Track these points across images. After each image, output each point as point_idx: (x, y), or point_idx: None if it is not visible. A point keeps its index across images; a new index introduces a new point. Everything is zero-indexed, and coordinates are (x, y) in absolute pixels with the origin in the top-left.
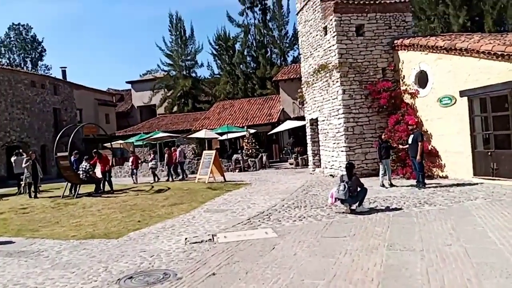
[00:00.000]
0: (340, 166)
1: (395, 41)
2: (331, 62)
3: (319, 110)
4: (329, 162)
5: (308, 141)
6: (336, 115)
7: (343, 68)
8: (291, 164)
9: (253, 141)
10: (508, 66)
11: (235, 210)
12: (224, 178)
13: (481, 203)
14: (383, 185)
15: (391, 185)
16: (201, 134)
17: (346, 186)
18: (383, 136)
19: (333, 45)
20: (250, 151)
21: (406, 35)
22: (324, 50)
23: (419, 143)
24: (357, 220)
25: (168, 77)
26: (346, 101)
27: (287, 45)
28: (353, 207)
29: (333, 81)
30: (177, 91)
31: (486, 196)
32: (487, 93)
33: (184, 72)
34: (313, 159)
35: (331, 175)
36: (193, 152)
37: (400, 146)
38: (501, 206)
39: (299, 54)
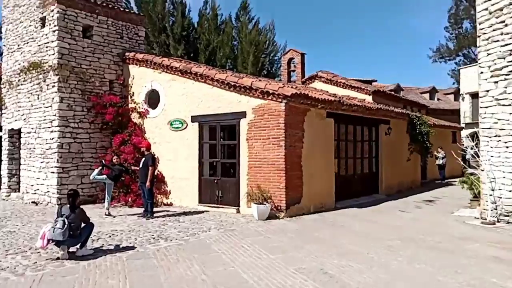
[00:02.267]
0: (48, 192)
1: (127, 54)
2: (47, 62)
3: (25, 119)
4: (32, 185)
5: (4, 157)
6: (49, 127)
7: (63, 71)
8: None
9: None
10: (239, 97)
11: None
12: None
13: (216, 234)
14: (109, 214)
15: (109, 214)
16: None
17: (66, 222)
18: (114, 159)
19: (52, 42)
20: None
21: (138, 49)
22: (39, 45)
23: (150, 168)
24: (80, 269)
25: None
26: (63, 112)
27: None
28: (73, 249)
29: (48, 85)
30: None
31: (217, 226)
32: (217, 121)
33: None
34: (9, 181)
35: (33, 202)
36: None
37: (134, 168)
38: (236, 237)
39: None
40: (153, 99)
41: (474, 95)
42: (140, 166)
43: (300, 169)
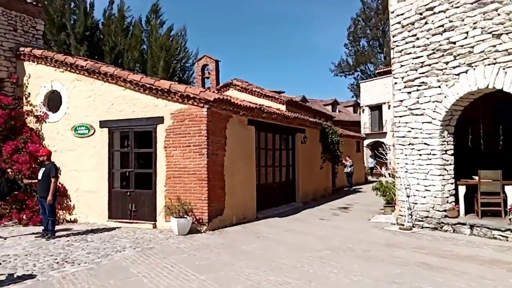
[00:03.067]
0: None
1: (22, 49)
2: None
3: None
4: None
5: None
6: None
7: None
8: None
9: None
10: (155, 101)
11: None
12: None
13: (133, 254)
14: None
15: None
16: None
17: None
18: (9, 172)
19: None
20: None
21: (35, 45)
22: None
23: (52, 179)
24: None
25: None
26: None
27: None
28: None
29: None
30: None
31: (133, 244)
32: (131, 126)
33: None
34: None
35: None
36: None
37: (27, 181)
38: (157, 256)
39: None
40: (53, 101)
41: (373, 107)
42: (39, 177)
43: (223, 178)
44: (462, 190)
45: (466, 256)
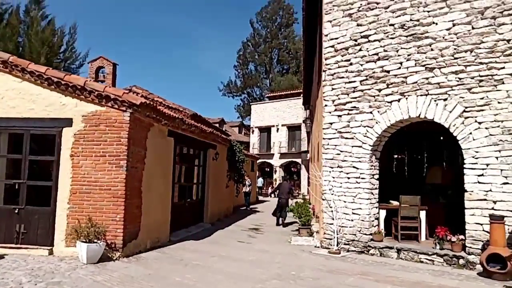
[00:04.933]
0: None
1: None
2: None
3: None
4: None
5: None
6: None
7: None
8: None
9: None
10: (63, 99)
11: None
12: None
13: None
14: None
15: None
16: None
17: None
18: None
19: None
20: None
21: None
22: None
23: None
24: None
25: None
26: None
27: None
28: None
29: None
30: None
31: (31, 277)
32: (26, 127)
33: None
34: None
35: None
36: None
37: None
38: None
39: None
40: None
41: (262, 129)
42: None
43: (140, 196)
44: (382, 214)
45: (415, 283)
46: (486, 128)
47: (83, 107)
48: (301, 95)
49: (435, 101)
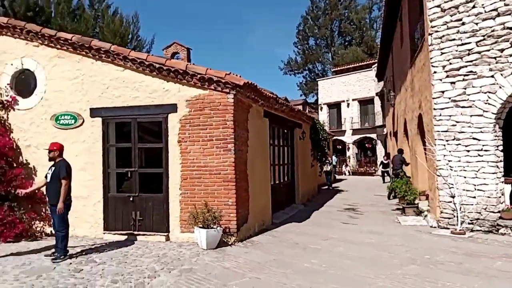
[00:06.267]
0: None
1: None
2: None
3: None
4: None
5: None
6: None
7: None
8: None
9: None
10: (165, 85)
11: None
12: None
13: (175, 281)
14: None
15: None
16: None
17: None
18: None
19: None
20: None
21: None
22: None
23: (63, 182)
24: None
25: None
26: None
27: None
28: None
29: None
30: None
31: (161, 265)
32: (133, 116)
33: None
34: None
35: None
36: None
37: (22, 191)
38: (211, 283)
39: None
40: (25, 83)
41: (331, 105)
42: (48, 179)
43: (247, 178)
44: (508, 188)
45: None
46: None
47: (186, 91)
48: (371, 67)
49: None
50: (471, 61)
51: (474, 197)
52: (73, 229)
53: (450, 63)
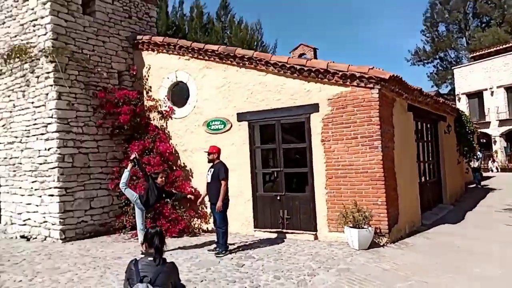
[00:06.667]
0: (46, 222)
1: (139, 37)
2: (36, 45)
3: (4, 126)
4: (20, 214)
5: None
6: (43, 134)
7: (60, 57)
8: None
9: None
10: (306, 85)
11: None
12: None
13: (335, 280)
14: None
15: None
16: None
17: None
18: (159, 180)
19: (43, 18)
20: None
21: (149, 33)
22: (23, 24)
23: (222, 182)
24: None
25: None
26: (62, 112)
27: None
28: None
29: (38, 77)
30: None
31: (318, 264)
32: (276, 118)
33: None
34: None
35: (24, 236)
36: None
37: (188, 194)
38: (374, 284)
39: None
40: (179, 94)
41: (471, 95)
42: (208, 180)
43: (394, 177)
44: None
45: None
46: None
47: (327, 90)
48: None
49: None
50: None
51: None
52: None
53: None
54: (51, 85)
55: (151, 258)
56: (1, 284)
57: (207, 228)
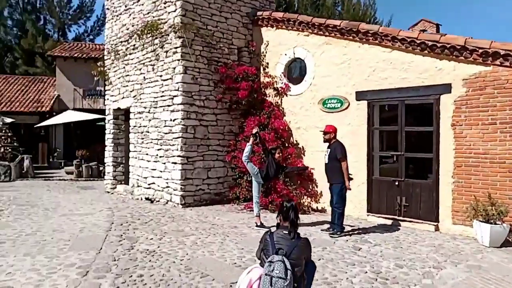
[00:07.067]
0: (168, 187)
1: (259, 13)
2: (166, 21)
3: (135, 97)
4: (146, 178)
5: (108, 142)
6: (169, 106)
7: (187, 32)
8: (68, 173)
9: (9, 134)
10: (438, 63)
11: None
12: None
13: (467, 277)
14: (261, 225)
15: (261, 225)
16: None
17: (289, 266)
18: (277, 156)
19: None
20: (3, 149)
21: (269, 9)
22: (155, 2)
23: (342, 162)
24: None
25: None
26: (187, 86)
27: (69, 16)
28: None
29: (167, 51)
30: None
31: (442, 256)
32: (400, 98)
33: None
34: (114, 171)
35: (148, 199)
36: None
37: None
38: (506, 282)
39: (101, 17)
40: (296, 70)
41: None
42: (326, 161)
43: None
44: None
45: None
46: None
47: (463, 69)
48: None
49: None
50: None
51: None
52: None
53: None
54: (179, 60)
55: (286, 232)
56: (136, 240)
57: (316, 207)
